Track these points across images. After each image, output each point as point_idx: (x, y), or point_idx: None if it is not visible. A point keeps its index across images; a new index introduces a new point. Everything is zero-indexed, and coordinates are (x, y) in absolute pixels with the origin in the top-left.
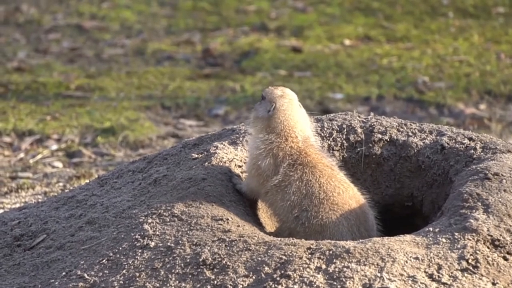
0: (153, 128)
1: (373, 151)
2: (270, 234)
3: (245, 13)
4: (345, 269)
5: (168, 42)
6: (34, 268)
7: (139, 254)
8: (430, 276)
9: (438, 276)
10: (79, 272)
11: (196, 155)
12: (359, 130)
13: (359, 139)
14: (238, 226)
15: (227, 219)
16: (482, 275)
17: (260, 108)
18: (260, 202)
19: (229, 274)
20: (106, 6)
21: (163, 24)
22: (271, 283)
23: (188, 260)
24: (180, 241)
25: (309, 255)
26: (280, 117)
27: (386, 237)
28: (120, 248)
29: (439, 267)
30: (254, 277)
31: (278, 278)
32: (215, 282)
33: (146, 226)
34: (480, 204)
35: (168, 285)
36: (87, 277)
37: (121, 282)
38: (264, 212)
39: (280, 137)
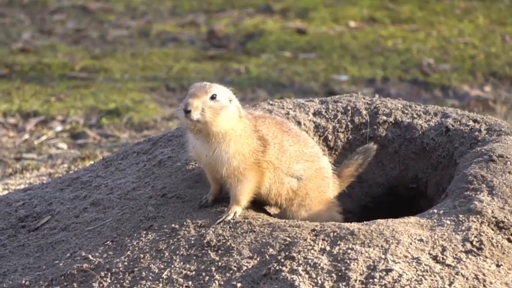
0: (157, 109)
1: (377, 133)
2: (274, 216)
3: None
4: (349, 251)
5: (173, 24)
6: (38, 249)
7: (143, 235)
8: (435, 258)
9: (443, 258)
10: (83, 253)
11: None
12: (364, 112)
13: (364, 121)
14: None
15: None
16: (486, 257)
17: (225, 103)
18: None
19: (233, 256)
20: None
21: (167, 6)
22: (275, 265)
23: (192, 242)
24: (185, 223)
25: (314, 237)
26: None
27: (391, 219)
28: (125, 230)
29: (444, 249)
30: (258, 259)
31: (282, 260)
32: (220, 263)
33: (150, 208)
34: (484, 186)
35: (172, 266)
36: (91, 258)
37: (126, 263)
38: None
39: (245, 118)
